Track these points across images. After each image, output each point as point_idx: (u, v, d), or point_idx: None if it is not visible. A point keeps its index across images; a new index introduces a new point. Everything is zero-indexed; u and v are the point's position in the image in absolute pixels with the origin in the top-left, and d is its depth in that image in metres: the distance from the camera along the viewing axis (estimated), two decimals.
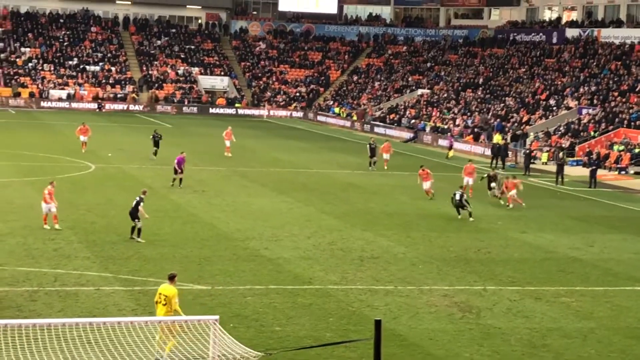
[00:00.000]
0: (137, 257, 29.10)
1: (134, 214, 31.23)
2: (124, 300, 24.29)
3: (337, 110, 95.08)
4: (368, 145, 55.42)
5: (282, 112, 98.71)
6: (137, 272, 27.25)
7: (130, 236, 31.18)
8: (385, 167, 54.30)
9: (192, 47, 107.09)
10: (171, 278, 19.79)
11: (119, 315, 21.41)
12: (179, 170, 43.64)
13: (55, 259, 28.29)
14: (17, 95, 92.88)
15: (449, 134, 73.15)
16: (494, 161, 61.46)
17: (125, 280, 26.25)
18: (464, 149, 69.84)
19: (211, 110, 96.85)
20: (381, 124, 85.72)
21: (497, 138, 66.80)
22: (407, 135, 79.57)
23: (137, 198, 31.49)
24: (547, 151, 65.28)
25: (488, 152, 65.32)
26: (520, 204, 42.60)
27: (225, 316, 21.15)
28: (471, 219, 38.96)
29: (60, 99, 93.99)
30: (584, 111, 71.20)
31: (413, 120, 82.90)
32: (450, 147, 66.52)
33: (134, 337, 16.65)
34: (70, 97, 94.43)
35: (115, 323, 16.60)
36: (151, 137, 54.44)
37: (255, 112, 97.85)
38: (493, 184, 44.40)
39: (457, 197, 39.36)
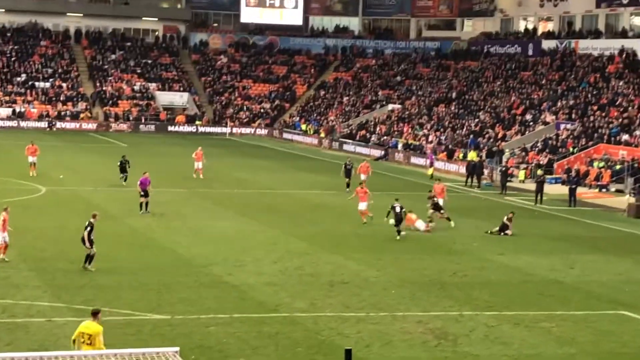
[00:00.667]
0: (92, 286, 28.87)
1: (83, 239, 30.69)
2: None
3: (303, 127, 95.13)
4: (344, 166, 54.78)
5: (246, 130, 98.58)
6: (92, 302, 26.95)
7: (83, 265, 30.70)
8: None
9: (149, 61, 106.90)
10: (94, 314, 18.95)
11: (71, 349, 21.20)
12: (143, 193, 42.96)
13: (3, 289, 27.99)
14: None
15: (429, 151, 73.05)
16: (469, 179, 61.59)
17: (78, 311, 25.98)
18: (438, 166, 69.94)
19: (170, 128, 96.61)
20: (350, 141, 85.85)
21: (471, 155, 67.06)
22: (378, 152, 79.67)
23: (88, 223, 30.94)
24: (525, 168, 65.59)
25: (462, 170, 65.43)
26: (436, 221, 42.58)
27: (186, 347, 20.98)
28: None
29: (8, 118, 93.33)
30: (562, 126, 71.62)
31: (384, 137, 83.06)
32: (431, 165, 66.46)
33: None
34: (18, 115, 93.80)
35: (68, 357, 16.42)
36: (118, 163, 52.56)
37: (218, 129, 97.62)
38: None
39: (397, 209, 39.31)
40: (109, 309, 26.14)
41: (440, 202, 44.75)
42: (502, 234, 41.31)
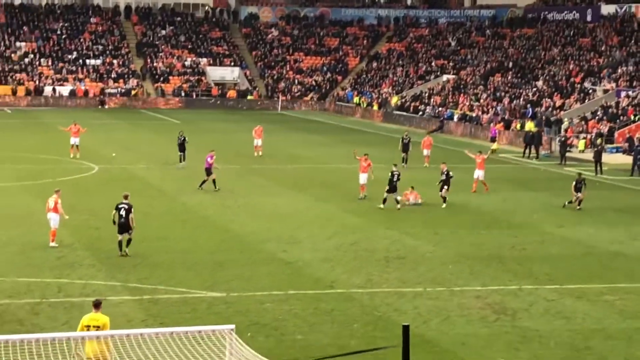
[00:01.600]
0: (146, 264, 29.12)
1: (126, 225, 29.72)
2: (133, 310, 24.30)
3: (356, 99, 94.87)
4: (401, 140, 54.28)
5: (298, 104, 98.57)
6: (146, 280, 27.27)
7: (120, 253, 29.85)
8: (426, 165, 53.02)
9: (200, 36, 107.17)
10: (97, 305, 18.43)
11: (128, 327, 21.41)
12: (207, 172, 42.87)
13: (59, 268, 28.33)
14: (14, 92, 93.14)
15: (491, 124, 71.95)
16: (527, 150, 61.23)
17: (133, 289, 26.27)
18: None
19: (226, 103, 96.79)
20: (404, 113, 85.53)
21: (529, 125, 66.46)
22: (433, 125, 79.35)
23: (124, 205, 29.94)
24: (584, 138, 65.00)
25: (520, 140, 64.97)
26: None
27: (242, 325, 21.11)
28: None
29: (60, 95, 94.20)
30: (623, 94, 70.84)
31: (439, 109, 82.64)
32: (494, 140, 65.36)
33: (144, 349, 16.63)
34: (70, 93, 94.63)
35: (124, 335, 16.60)
36: (177, 139, 51.28)
37: (269, 103, 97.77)
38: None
39: (395, 176, 39.37)
40: (164, 287, 26.41)
41: (481, 173, 44.30)
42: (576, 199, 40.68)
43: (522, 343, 22.41)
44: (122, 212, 29.71)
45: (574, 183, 41.02)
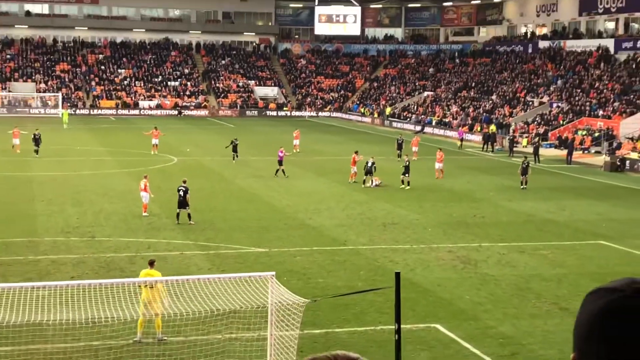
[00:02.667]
0: (212, 229, 29.24)
1: (184, 202, 29.39)
2: (202, 261, 24.44)
3: (361, 110, 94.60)
4: (396, 141, 53.15)
5: (320, 113, 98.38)
6: (212, 240, 27.39)
7: (177, 222, 29.45)
8: (415, 159, 50.91)
9: (249, 64, 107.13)
10: (151, 263, 17.74)
11: (198, 274, 21.53)
12: (280, 162, 42.46)
13: (149, 231, 28.51)
14: (117, 106, 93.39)
15: (460, 128, 70.36)
16: (485, 146, 61.00)
17: (202, 246, 26.41)
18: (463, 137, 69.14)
19: (267, 113, 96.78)
20: (397, 119, 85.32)
21: (492, 128, 65.88)
22: (417, 127, 79.09)
23: (182, 188, 29.57)
24: (526, 137, 64.70)
25: (479, 138, 64.66)
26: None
27: (280, 271, 21.19)
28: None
29: (149, 108, 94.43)
30: (554, 105, 70.44)
31: (422, 116, 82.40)
32: (461, 139, 63.82)
33: (210, 290, 16.72)
34: (157, 106, 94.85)
35: (195, 279, 16.69)
36: (230, 143, 49.15)
37: (299, 113, 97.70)
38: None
39: (369, 164, 39.13)
40: (224, 245, 26.51)
41: (439, 165, 42.98)
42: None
43: (482, 284, 22.40)
44: (181, 193, 29.56)
45: (520, 167, 40.78)
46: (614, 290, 1.77)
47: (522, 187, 40.19)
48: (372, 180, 39.54)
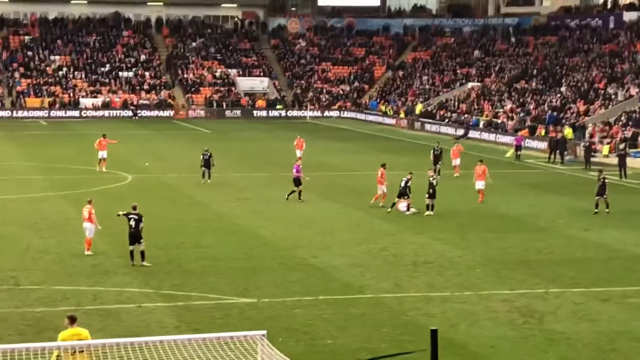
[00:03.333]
0: (179, 271, 29.18)
1: (136, 234, 29.50)
2: (167, 316, 24.35)
3: (382, 107, 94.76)
4: (432, 151, 52.19)
5: (327, 113, 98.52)
6: (180, 287, 27.33)
7: (132, 263, 29.60)
8: (457, 175, 51.49)
9: (229, 47, 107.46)
10: (73, 320, 17.91)
11: (162, 334, 21.46)
12: (296, 182, 42.54)
13: (94, 276, 28.44)
14: (50, 105, 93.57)
15: (519, 132, 69.78)
16: (552, 155, 60.97)
17: (167, 296, 26.33)
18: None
19: (255, 114, 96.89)
20: (430, 120, 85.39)
21: (567, 132, 65.49)
22: (459, 132, 79.16)
23: (133, 216, 29.64)
24: (609, 143, 64.67)
25: (544, 146, 64.59)
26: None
27: (273, 330, 21.09)
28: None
29: (93, 107, 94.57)
30: None
31: (465, 116, 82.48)
32: (519, 148, 62.88)
33: (177, 356, 16.66)
34: (103, 105, 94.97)
35: (158, 342, 16.62)
36: (201, 157, 48.45)
37: (297, 113, 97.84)
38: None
39: (404, 182, 39.21)
40: (197, 294, 26.47)
41: (481, 184, 42.63)
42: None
43: (549, 346, 22.30)
44: (132, 223, 29.53)
45: (597, 185, 40.48)
46: None
47: (595, 211, 40.00)
48: (407, 206, 39.34)
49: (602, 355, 21.70)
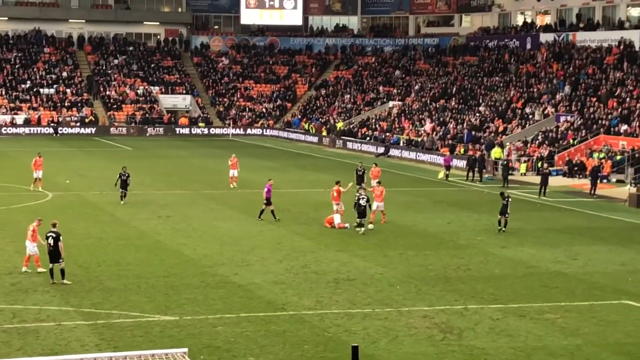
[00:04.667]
0: (100, 289, 28.87)
1: (55, 253, 29.12)
2: (87, 335, 24.05)
3: (305, 125, 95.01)
4: (355, 172, 51.85)
5: (249, 130, 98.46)
6: (100, 305, 27.03)
7: (52, 281, 29.20)
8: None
9: (152, 65, 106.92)
10: None
11: (82, 352, 21.21)
12: (266, 202, 42.17)
13: (13, 294, 28.00)
14: None
15: (448, 154, 68.84)
16: (470, 174, 61.50)
17: (87, 314, 26.02)
18: (438, 160, 69.85)
19: (178, 131, 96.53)
20: (352, 139, 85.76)
21: (496, 151, 65.57)
22: (379, 150, 79.59)
23: (51, 234, 29.30)
24: (526, 161, 65.53)
25: (463, 164, 65.21)
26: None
27: (195, 348, 20.98)
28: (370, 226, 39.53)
29: (13, 124, 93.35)
30: (562, 118, 71.59)
31: (385, 134, 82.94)
32: (448, 168, 62.43)
33: None
34: (24, 122, 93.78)
35: None
36: (118, 176, 47.28)
37: (220, 130, 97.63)
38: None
39: (362, 202, 39.13)
40: (118, 312, 26.19)
41: (377, 205, 41.73)
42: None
43: None
44: (51, 241, 29.18)
45: (501, 204, 40.52)
46: None
47: (499, 228, 40.26)
48: (362, 223, 39.32)
49: None
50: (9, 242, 36.08)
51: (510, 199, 40.79)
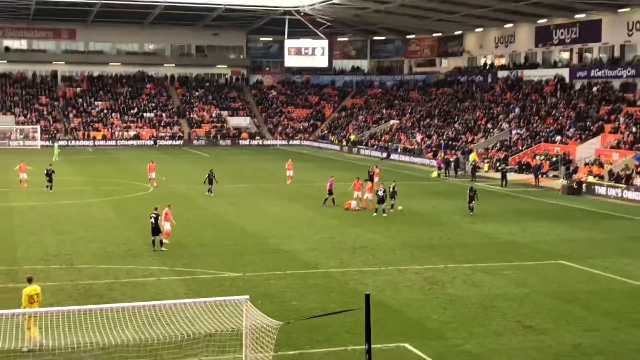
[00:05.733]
0: (188, 255, 29.05)
1: (156, 228, 29.21)
2: (179, 287, 24.22)
3: (331, 138, 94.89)
4: (367, 172, 50.30)
5: (291, 141, 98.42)
6: (188, 265, 27.20)
7: (153, 249, 29.28)
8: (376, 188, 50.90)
9: (222, 96, 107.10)
10: (30, 280, 18.10)
11: (174, 298, 21.36)
12: (329, 192, 41.72)
13: (127, 258, 28.25)
14: (94, 137, 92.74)
15: (438, 157, 66.62)
16: (447, 171, 61.31)
17: (179, 272, 26.20)
18: (425, 162, 69.69)
19: (241, 142, 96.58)
20: (363, 147, 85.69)
21: (472, 156, 64.58)
22: (383, 154, 79.44)
23: (154, 215, 29.35)
24: (488, 162, 65.22)
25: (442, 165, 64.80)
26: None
27: (254, 295, 21.06)
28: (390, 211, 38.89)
29: (125, 138, 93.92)
30: (514, 131, 71.17)
31: (388, 143, 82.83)
32: (439, 168, 60.79)
33: (187, 314, 16.58)
34: (133, 137, 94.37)
35: (172, 304, 16.53)
36: (206, 176, 46.98)
37: (270, 142, 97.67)
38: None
39: (380, 192, 38.81)
40: (200, 270, 26.31)
41: (370, 195, 41.32)
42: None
43: (448, 304, 22.44)
44: (152, 220, 29.35)
45: (468, 195, 39.69)
46: None
47: (470, 213, 39.20)
48: (383, 209, 38.73)
49: (485, 310, 21.88)
50: (124, 221, 36.34)
51: (476, 191, 40.58)
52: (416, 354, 18.07)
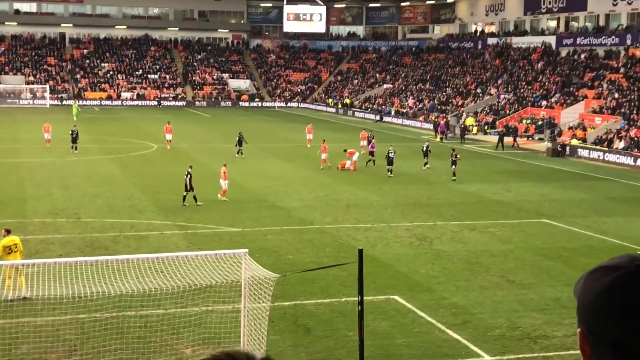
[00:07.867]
0: (189, 210, 29.07)
1: (189, 185, 29.30)
2: (181, 240, 24.27)
3: (327, 100, 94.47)
4: (366, 138, 48.96)
5: (289, 104, 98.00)
6: (189, 220, 27.22)
7: (183, 204, 29.19)
8: (363, 152, 47.57)
9: (223, 59, 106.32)
10: (8, 231, 17.92)
11: (177, 251, 21.39)
12: (371, 154, 41.84)
13: (131, 213, 28.25)
14: (100, 98, 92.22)
15: (442, 122, 63.32)
16: (435, 134, 61.12)
17: (181, 226, 26.22)
18: (417, 125, 69.49)
19: (240, 104, 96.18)
20: (358, 109, 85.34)
21: (469, 120, 63.78)
22: (376, 117, 79.21)
23: (187, 173, 29.67)
24: (476, 125, 65.01)
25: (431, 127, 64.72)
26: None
27: (252, 249, 21.09)
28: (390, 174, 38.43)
29: (130, 99, 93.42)
30: (502, 96, 70.90)
31: (382, 106, 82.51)
32: (442, 132, 59.02)
33: (189, 266, 16.63)
34: (137, 97, 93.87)
35: (175, 256, 16.56)
36: (237, 138, 46.00)
37: (269, 104, 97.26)
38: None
39: (391, 154, 38.72)
40: (201, 225, 26.34)
41: (356, 156, 40.78)
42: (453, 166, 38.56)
43: (436, 259, 22.53)
44: (187, 178, 29.45)
45: (450, 159, 38.41)
46: (617, 268, 1.71)
47: (453, 178, 37.64)
48: (389, 170, 38.56)
49: (470, 266, 21.98)
50: (128, 177, 36.28)
51: (457, 158, 38.23)
52: (405, 305, 18.18)
